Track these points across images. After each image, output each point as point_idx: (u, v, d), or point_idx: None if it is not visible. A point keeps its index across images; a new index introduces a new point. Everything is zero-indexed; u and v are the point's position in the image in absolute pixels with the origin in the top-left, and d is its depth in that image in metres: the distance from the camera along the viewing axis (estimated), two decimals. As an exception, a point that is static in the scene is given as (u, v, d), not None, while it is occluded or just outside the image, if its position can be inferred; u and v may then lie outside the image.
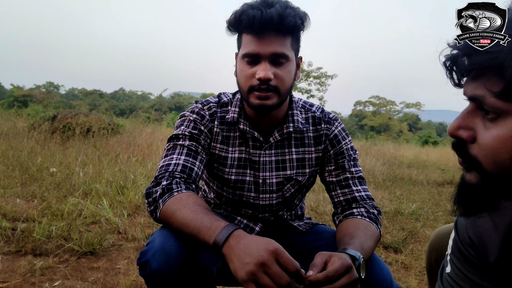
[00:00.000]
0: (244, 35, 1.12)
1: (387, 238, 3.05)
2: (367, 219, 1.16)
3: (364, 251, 0.99)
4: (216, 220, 0.90)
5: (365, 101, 58.09)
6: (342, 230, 1.13)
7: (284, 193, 1.28)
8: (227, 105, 1.27)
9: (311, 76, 31.63)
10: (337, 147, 1.27)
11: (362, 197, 1.23)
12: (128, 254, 2.39)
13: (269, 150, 1.25)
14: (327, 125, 1.28)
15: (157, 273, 0.91)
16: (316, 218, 3.59)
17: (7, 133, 6.53)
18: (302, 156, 1.27)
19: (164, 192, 1.02)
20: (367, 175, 6.58)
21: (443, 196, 5.33)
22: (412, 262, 2.58)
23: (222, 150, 1.24)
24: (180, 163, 1.12)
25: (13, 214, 2.84)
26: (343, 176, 1.25)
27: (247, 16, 1.05)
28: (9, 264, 2.09)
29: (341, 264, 0.85)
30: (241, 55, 1.12)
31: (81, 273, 2.09)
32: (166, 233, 0.97)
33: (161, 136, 8.04)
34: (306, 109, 1.30)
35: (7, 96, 32.05)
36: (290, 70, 1.13)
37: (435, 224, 3.63)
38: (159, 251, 0.92)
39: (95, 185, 3.73)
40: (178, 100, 50.31)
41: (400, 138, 25.46)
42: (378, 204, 4.33)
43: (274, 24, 1.05)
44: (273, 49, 1.07)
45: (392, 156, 10.34)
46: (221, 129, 1.24)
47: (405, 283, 2.25)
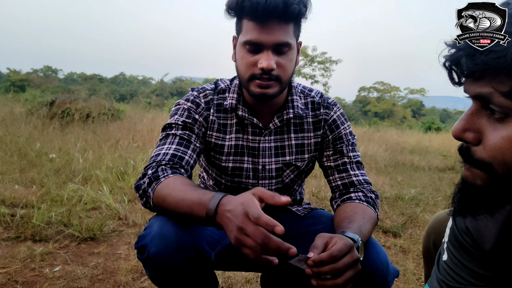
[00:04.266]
0: (245, 21, 1.08)
1: (386, 223, 3.06)
2: (365, 203, 1.17)
3: (362, 234, 0.99)
4: (204, 194, 0.89)
5: (369, 87, 57.41)
6: (340, 214, 1.13)
7: (284, 179, 1.28)
8: (224, 92, 1.25)
9: (315, 61, 31.26)
10: (335, 132, 1.26)
11: (359, 181, 1.23)
12: (129, 239, 2.38)
13: (268, 136, 1.24)
14: (326, 110, 1.27)
15: (155, 257, 0.91)
16: (317, 203, 3.59)
17: (4, 118, 6.49)
18: (301, 141, 1.26)
19: (151, 181, 1.02)
20: (369, 161, 6.57)
21: (444, 181, 5.34)
22: (410, 246, 2.60)
23: (219, 138, 1.23)
24: (169, 153, 1.11)
25: (12, 200, 2.82)
26: (341, 160, 1.25)
27: (250, 2, 1.01)
28: (9, 250, 2.09)
29: (343, 244, 0.86)
30: (242, 42, 1.09)
31: (81, 258, 2.09)
32: (164, 218, 0.97)
33: (162, 122, 7.96)
34: (305, 94, 1.29)
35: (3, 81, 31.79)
36: (292, 58, 1.11)
37: (434, 209, 3.64)
38: (157, 236, 0.92)
39: (95, 171, 3.71)
40: (180, 85, 49.69)
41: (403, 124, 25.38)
42: (378, 189, 4.33)
43: (278, 12, 1.01)
44: (276, 38, 1.05)
45: (395, 142, 10.31)
46: (217, 116, 1.22)
47: (402, 266, 2.27)
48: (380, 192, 4.17)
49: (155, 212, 1.04)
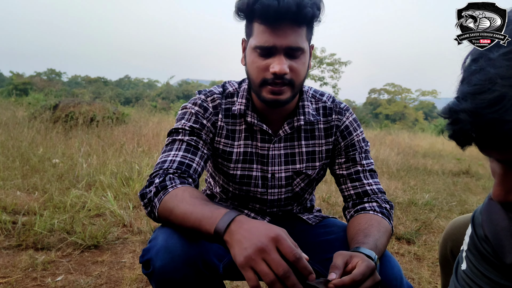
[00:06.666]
0: (256, 24, 1.03)
1: (400, 229, 3.01)
2: (379, 214, 1.12)
3: (378, 249, 0.97)
4: (217, 208, 0.87)
5: (379, 89, 57.04)
6: (354, 226, 1.09)
7: (294, 188, 1.24)
8: (232, 96, 1.20)
9: (324, 63, 31.04)
10: (348, 139, 1.22)
11: (373, 190, 1.19)
12: (134, 247, 2.33)
13: (278, 143, 1.19)
14: (338, 116, 1.22)
15: (161, 271, 0.88)
16: (328, 209, 3.53)
17: (6, 122, 6.44)
18: (312, 149, 1.22)
19: (158, 191, 0.98)
20: (381, 165, 6.52)
21: (458, 186, 5.29)
22: (425, 253, 2.55)
23: (227, 145, 1.18)
24: (176, 160, 1.07)
25: (14, 207, 2.77)
26: (354, 169, 1.20)
27: (262, 4, 0.96)
28: (10, 259, 2.04)
29: (366, 266, 0.83)
30: (253, 45, 1.04)
31: (84, 267, 2.04)
32: (169, 230, 0.94)
33: (168, 126, 7.92)
34: (316, 98, 1.24)
35: (6, 84, 31.98)
36: (305, 62, 1.07)
37: (449, 215, 3.59)
38: (162, 249, 0.89)
39: (99, 177, 3.65)
40: (186, 88, 49.63)
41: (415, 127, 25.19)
42: (391, 194, 4.29)
43: (291, 14, 0.96)
44: (289, 42, 1.00)
45: (407, 145, 10.27)
46: (226, 122, 1.18)
47: (417, 274, 2.21)
48: (392, 197, 4.12)
49: (159, 222, 1.01)
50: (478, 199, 4.39)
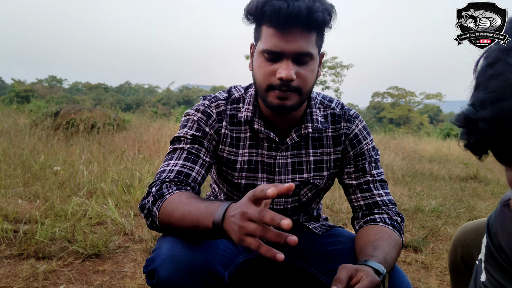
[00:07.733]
0: (264, 27, 1.01)
1: (406, 237, 2.94)
2: (390, 227, 1.09)
3: (387, 263, 0.94)
4: (211, 203, 0.86)
5: (383, 92, 56.08)
6: (363, 238, 1.06)
7: (301, 198, 1.21)
8: (238, 102, 1.18)
9: (325, 67, 30.80)
10: (357, 148, 1.18)
11: (384, 202, 1.16)
12: (135, 256, 2.31)
13: (285, 151, 1.16)
14: (347, 124, 1.19)
15: (166, 282, 0.86)
16: (332, 216, 3.49)
17: (8, 130, 6.44)
18: (320, 158, 1.19)
19: (156, 199, 0.97)
20: (386, 170, 6.42)
21: (466, 191, 5.19)
22: (432, 262, 2.49)
23: (231, 153, 1.16)
24: (175, 169, 1.06)
25: (15, 215, 2.75)
26: (364, 179, 1.17)
27: (272, 7, 0.94)
28: (11, 268, 2.02)
29: (370, 282, 0.81)
30: (261, 49, 1.02)
31: (86, 276, 2.02)
32: (173, 239, 0.93)
33: (169, 132, 7.89)
34: (325, 105, 1.21)
35: (8, 91, 31.99)
36: (313, 69, 1.04)
37: (457, 222, 3.51)
38: (167, 258, 0.88)
39: (100, 184, 3.64)
40: (187, 94, 49.43)
41: (420, 131, 24.95)
42: (396, 201, 4.22)
43: (301, 19, 0.94)
44: (297, 47, 0.98)
45: (412, 150, 10.11)
46: (230, 129, 1.16)
47: (425, 283, 2.17)
48: (398, 204, 4.04)
49: (162, 232, 1.00)
50: (487, 205, 4.31)
